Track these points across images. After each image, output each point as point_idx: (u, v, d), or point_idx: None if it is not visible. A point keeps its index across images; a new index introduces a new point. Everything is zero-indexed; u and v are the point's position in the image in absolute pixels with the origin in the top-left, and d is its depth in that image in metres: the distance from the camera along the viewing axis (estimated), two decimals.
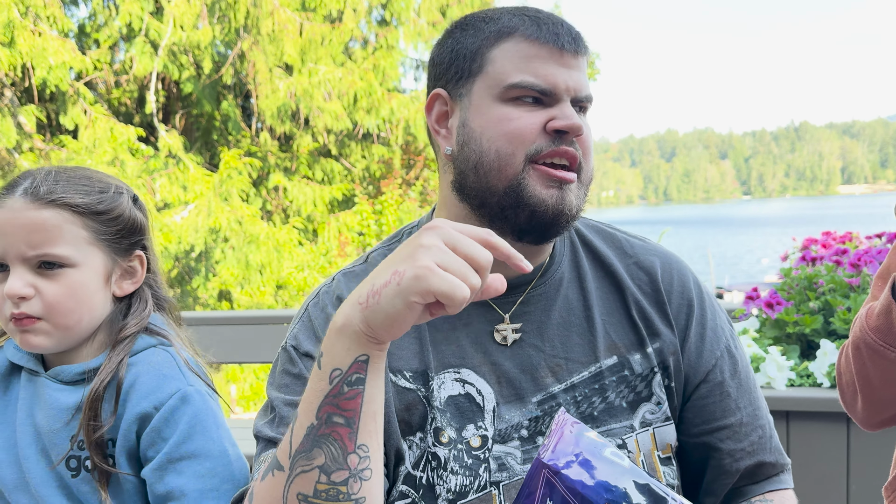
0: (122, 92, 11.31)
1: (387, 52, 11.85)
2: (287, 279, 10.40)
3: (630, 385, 1.10)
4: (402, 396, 1.06)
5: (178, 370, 1.11)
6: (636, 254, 1.16)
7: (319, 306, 1.10)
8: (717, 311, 1.18)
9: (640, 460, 1.07)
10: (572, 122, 1.03)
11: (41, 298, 1.06)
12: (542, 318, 1.10)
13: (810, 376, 2.32)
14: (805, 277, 2.60)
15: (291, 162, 11.91)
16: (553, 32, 1.04)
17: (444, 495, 1.04)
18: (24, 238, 1.05)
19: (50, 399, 1.10)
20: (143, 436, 1.07)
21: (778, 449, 1.16)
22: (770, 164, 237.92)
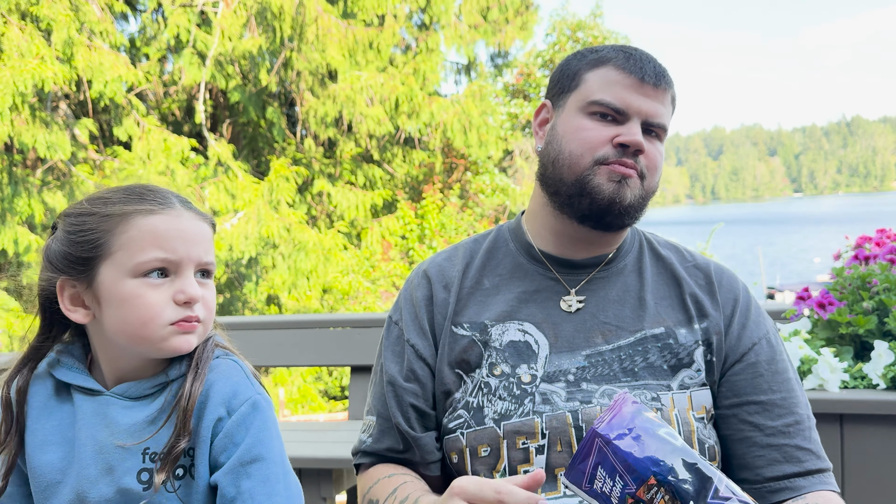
0: (171, 102, 11.62)
1: (427, 55, 11.92)
2: (332, 283, 10.54)
3: (673, 352, 1.28)
4: (458, 342, 1.31)
5: (246, 379, 1.16)
6: (695, 259, 1.40)
7: (409, 279, 1.43)
8: (762, 312, 1.37)
9: (673, 415, 1.22)
10: (634, 138, 1.25)
11: (203, 304, 1.13)
12: (602, 294, 1.33)
13: (865, 378, 2.26)
14: (858, 276, 2.54)
15: (335, 168, 12.07)
16: (639, 66, 1.28)
17: (490, 415, 1.26)
18: (201, 245, 1.13)
19: (118, 416, 1.12)
20: (216, 441, 1.11)
21: (817, 443, 1.28)
22: (821, 161, 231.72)
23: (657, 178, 1.31)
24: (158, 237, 1.10)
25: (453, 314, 1.33)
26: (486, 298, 1.34)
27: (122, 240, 1.10)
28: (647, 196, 1.30)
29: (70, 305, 1.12)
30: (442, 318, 1.34)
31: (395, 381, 1.34)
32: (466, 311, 1.33)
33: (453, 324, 1.33)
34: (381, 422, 1.35)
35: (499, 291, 1.34)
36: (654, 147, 1.29)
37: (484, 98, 12.20)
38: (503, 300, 1.33)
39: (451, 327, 1.33)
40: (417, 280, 1.40)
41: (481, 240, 1.43)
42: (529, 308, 1.31)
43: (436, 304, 1.35)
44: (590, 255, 1.34)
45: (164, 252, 1.10)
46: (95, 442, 1.11)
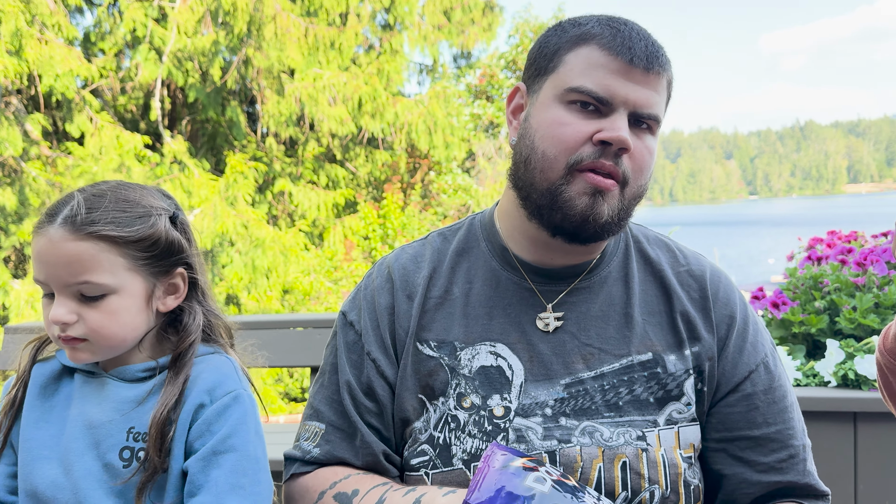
0: (127, 99, 11.37)
1: (391, 56, 11.88)
2: (293, 283, 10.43)
3: (661, 382, 1.14)
4: (424, 363, 1.16)
5: (235, 373, 1.18)
6: (689, 263, 1.22)
7: (371, 274, 1.26)
8: (760, 330, 1.21)
9: (659, 455, 1.11)
10: (618, 135, 1.05)
11: (85, 324, 1.11)
12: (583, 309, 1.16)
13: (817, 376, 2.32)
14: (810, 277, 2.61)
15: (296, 167, 11.94)
16: (627, 45, 1.06)
17: (459, 455, 1.12)
18: (65, 268, 1.10)
19: (111, 394, 1.15)
20: (194, 427, 1.13)
21: (812, 475, 1.17)
22: (776, 164, 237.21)
23: (644, 179, 1.11)
24: (35, 259, 1.14)
25: (417, 329, 1.18)
26: (454, 311, 1.18)
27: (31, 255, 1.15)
28: (631, 204, 1.11)
29: None
30: (404, 333, 1.18)
31: (353, 387, 1.19)
32: (434, 325, 1.18)
33: (418, 340, 1.18)
34: (331, 431, 1.19)
35: (468, 302, 1.18)
36: (643, 143, 1.09)
37: (448, 99, 12.20)
38: (473, 315, 1.17)
39: (415, 344, 1.18)
40: (380, 281, 1.23)
41: (451, 236, 1.26)
42: (502, 325, 1.16)
43: (398, 316, 1.19)
44: (570, 263, 1.18)
45: (38, 274, 1.13)
46: (85, 417, 1.14)
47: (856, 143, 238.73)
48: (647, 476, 1.11)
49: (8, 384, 1.23)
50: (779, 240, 47.22)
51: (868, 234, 3.06)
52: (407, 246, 1.29)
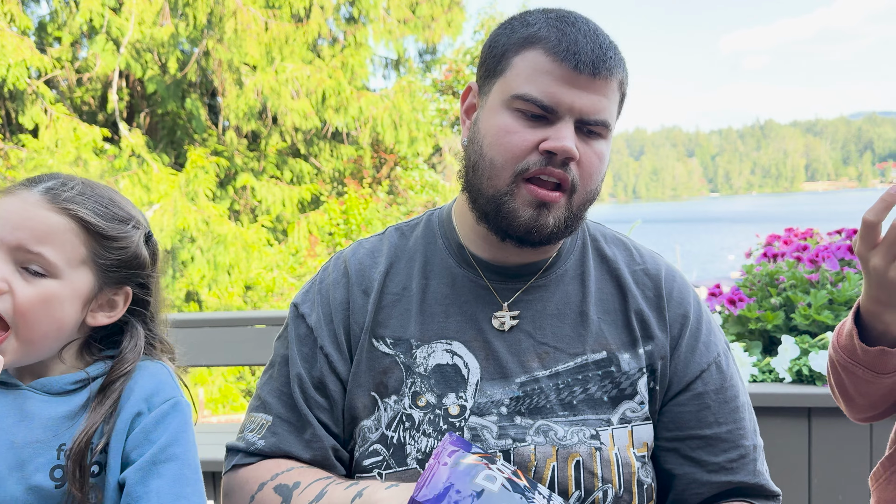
0: (84, 91, 11.10)
1: (355, 49, 11.79)
2: (256, 280, 10.30)
3: (615, 381, 1.14)
4: (379, 361, 1.15)
5: (171, 379, 1.13)
6: (644, 262, 1.22)
7: (327, 268, 1.25)
8: (714, 330, 1.22)
9: (612, 453, 1.11)
10: (562, 144, 1.04)
11: (13, 298, 1.03)
12: (539, 308, 1.16)
13: (772, 371, 2.35)
14: (767, 274, 2.64)
15: (259, 162, 11.79)
16: (572, 51, 1.04)
17: (413, 454, 1.11)
18: (26, 231, 1.04)
19: (36, 410, 1.07)
20: (131, 437, 1.07)
21: (763, 475, 1.18)
22: (736, 162, 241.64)
23: (594, 184, 1.10)
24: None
25: (372, 324, 1.17)
26: (410, 308, 1.17)
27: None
28: (581, 209, 1.11)
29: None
30: (359, 329, 1.17)
31: (304, 380, 1.17)
32: (390, 322, 1.17)
33: (374, 336, 1.17)
34: (279, 423, 1.17)
35: (425, 299, 1.17)
36: (592, 150, 1.08)
37: (414, 94, 12.15)
38: (430, 312, 1.16)
39: (370, 340, 1.16)
40: (336, 276, 1.22)
41: (408, 232, 1.26)
42: (458, 323, 1.15)
43: (353, 312, 1.18)
44: (525, 262, 1.17)
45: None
46: (6, 437, 1.05)
47: (814, 142, 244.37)
48: (601, 475, 1.11)
49: None
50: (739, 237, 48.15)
51: (824, 231, 3.12)
52: (364, 240, 1.27)
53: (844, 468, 2.18)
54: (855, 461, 2.17)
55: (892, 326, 1.07)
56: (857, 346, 1.09)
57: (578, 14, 1.11)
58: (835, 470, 2.18)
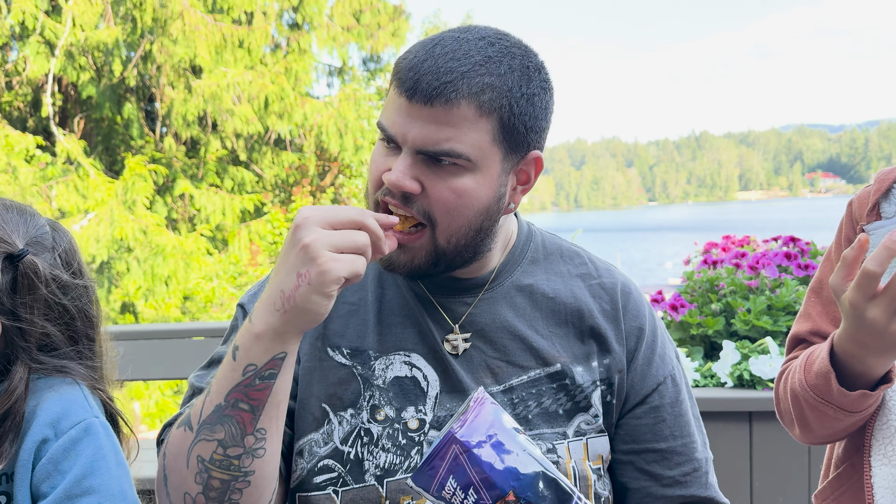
0: (14, 95, 10.67)
1: (299, 56, 11.66)
2: (195, 290, 10.03)
3: (569, 394, 1.12)
4: (335, 371, 1.11)
5: (83, 399, 1.03)
6: (601, 275, 1.20)
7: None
8: (668, 344, 1.21)
9: (570, 466, 1.09)
10: (390, 179, 1.02)
11: None
12: (487, 321, 1.13)
13: (714, 377, 2.40)
14: (707, 280, 2.70)
15: (198, 169, 11.53)
16: (412, 79, 1.00)
17: (371, 470, 1.07)
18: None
19: None
20: (39, 467, 0.97)
21: (714, 488, 1.18)
22: (673, 172, 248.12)
23: (459, 221, 1.03)
24: None
25: (328, 333, 1.13)
26: (368, 318, 1.13)
27: None
28: (453, 242, 1.05)
29: None
30: (308, 333, 1.12)
31: None
32: (347, 332, 1.13)
33: (330, 346, 1.12)
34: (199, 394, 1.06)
35: (381, 309, 1.14)
36: (446, 184, 1.01)
37: (359, 102, 12.08)
38: (387, 323, 1.13)
39: (325, 349, 1.12)
40: None
41: None
42: (415, 335, 1.12)
43: None
44: (468, 276, 1.14)
45: None
46: None
47: (747, 152, 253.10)
48: None
49: None
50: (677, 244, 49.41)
51: (759, 238, 3.21)
52: None
53: (785, 471, 2.23)
54: (795, 464, 2.23)
55: (874, 369, 1.07)
56: (834, 390, 1.09)
57: (456, 34, 1.04)
58: (775, 473, 2.24)
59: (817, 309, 1.25)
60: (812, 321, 1.25)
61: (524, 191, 1.14)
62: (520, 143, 1.06)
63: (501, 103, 1.02)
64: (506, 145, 1.05)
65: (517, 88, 1.03)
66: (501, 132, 1.03)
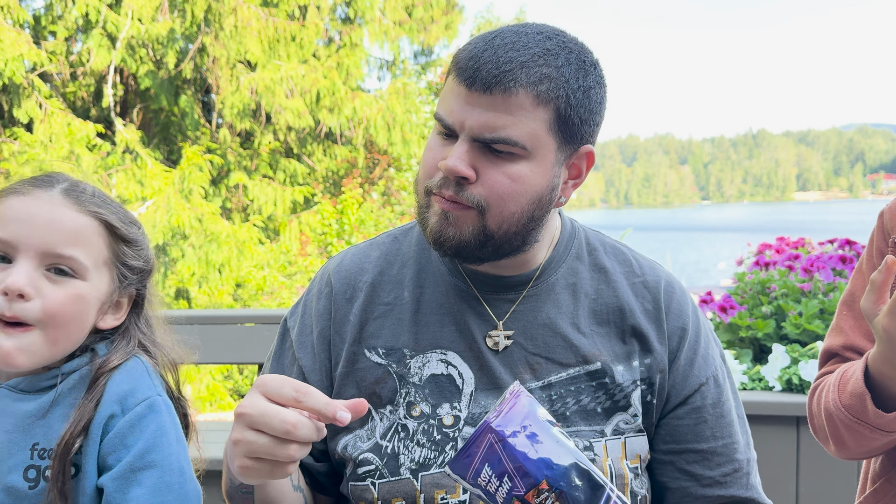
0: (78, 85, 11.04)
1: (350, 50, 11.77)
2: (246, 278, 10.25)
3: (608, 392, 1.13)
4: (371, 371, 1.14)
5: (148, 376, 1.09)
6: (644, 273, 1.19)
7: (313, 280, 1.25)
8: (711, 342, 1.20)
9: (606, 464, 1.10)
10: (445, 164, 1.05)
11: (42, 301, 1.01)
12: (530, 319, 1.14)
13: (762, 380, 2.36)
14: (758, 282, 2.65)
15: (252, 161, 11.75)
16: (471, 68, 1.03)
17: (407, 464, 1.10)
18: (55, 235, 1.03)
19: (7, 408, 1.05)
20: (106, 440, 1.04)
21: (755, 489, 1.17)
22: (728, 170, 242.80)
23: (510, 207, 1.05)
24: (5, 217, 1.04)
25: (361, 335, 1.15)
26: (403, 317, 1.15)
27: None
28: (500, 231, 1.07)
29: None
30: (340, 339, 1.16)
31: None
32: (382, 332, 1.15)
33: (366, 348, 1.15)
34: None
35: (419, 308, 1.15)
36: (498, 170, 1.04)
37: (408, 96, 12.14)
38: (424, 322, 1.15)
39: (363, 351, 1.15)
40: (319, 287, 1.21)
41: (401, 237, 1.23)
42: (453, 333, 1.14)
43: (334, 321, 1.17)
44: (512, 273, 1.15)
45: (1, 232, 1.03)
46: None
47: (806, 152, 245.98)
48: None
49: None
50: (729, 245, 48.34)
51: (815, 241, 3.13)
52: (352, 248, 1.26)
53: (832, 477, 2.19)
54: (842, 471, 2.18)
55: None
56: (870, 411, 1.07)
57: (515, 28, 1.07)
58: (822, 479, 2.19)
59: (849, 323, 1.22)
60: (844, 335, 1.23)
61: (575, 185, 1.15)
62: (574, 135, 1.08)
63: (558, 94, 1.03)
64: (560, 136, 1.06)
65: (574, 81, 1.05)
66: (557, 122, 1.05)
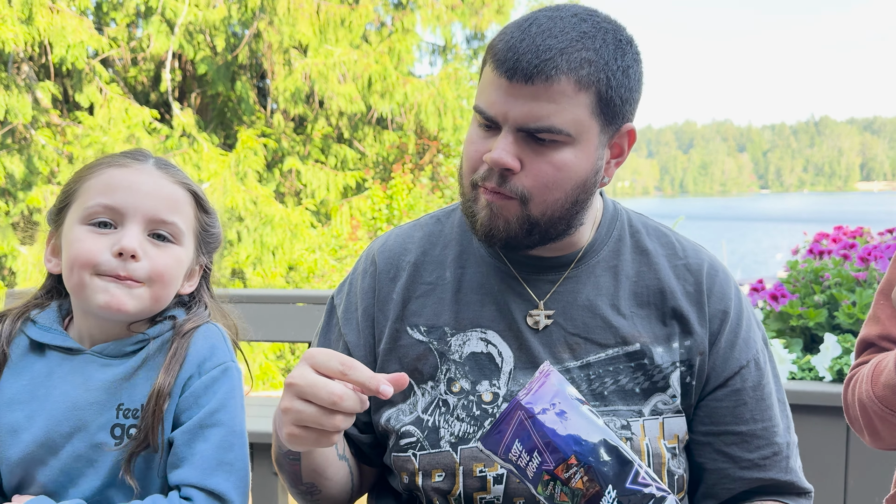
0: (138, 70, 11.35)
1: (403, 35, 11.80)
2: (298, 260, 10.45)
3: (647, 373, 1.14)
4: (414, 348, 1.17)
5: (224, 343, 1.18)
6: (687, 256, 1.20)
7: (358, 260, 1.28)
8: (753, 326, 1.20)
9: (644, 444, 1.11)
10: (491, 156, 1.05)
11: (150, 263, 1.11)
12: (570, 300, 1.16)
13: (812, 370, 2.31)
14: (811, 270, 2.60)
15: (304, 146, 11.92)
16: (510, 59, 1.03)
17: (446, 437, 1.13)
18: (160, 202, 1.12)
19: (97, 373, 1.13)
20: (182, 399, 1.12)
21: (795, 472, 1.17)
22: (788, 159, 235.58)
23: (554, 194, 1.07)
24: (109, 186, 1.12)
25: (403, 313, 1.18)
26: (445, 296, 1.18)
27: (84, 188, 1.14)
28: (545, 218, 1.08)
29: (50, 256, 1.17)
30: (384, 316, 1.19)
31: None
32: (424, 310, 1.18)
33: (409, 325, 1.18)
34: None
35: (460, 288, 1.18)
36: (544, 158, 1.05)
37: (459, 81, 12.12)
38: (465, 301, 1.17)
39: (406, 328, 1.18)
40: (364, 266, 1.25)
41: (444, 219, 1.26)
42: (493, 313, 1.16)
43: (378, 299, 1.20)
44: (554, 255, 1.17)
45: (108, 199, 1.11)
46: (69, 399, 1.12)
47: (871, 140, 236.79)
48: None
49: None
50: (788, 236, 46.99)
51: (875, 231, 3.05)
52: (396, 229, 1.30)
53: (882, 470, 2.14)
54: (892, 462, 2.13)
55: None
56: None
57: (548, 13, 1.07)
58: (872, 471, 2.15)
59: (887, 312, 1.21)
60: (881, 325, 1.21)
61: (617, 164, 1.16)
62: (616, 116, 1.08)
63: (599, 77, 1.04)
64: (603, 118, 1.07)
65: (613, 62, 1.05)
66: (599, 105, 1.05)
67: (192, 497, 1.09)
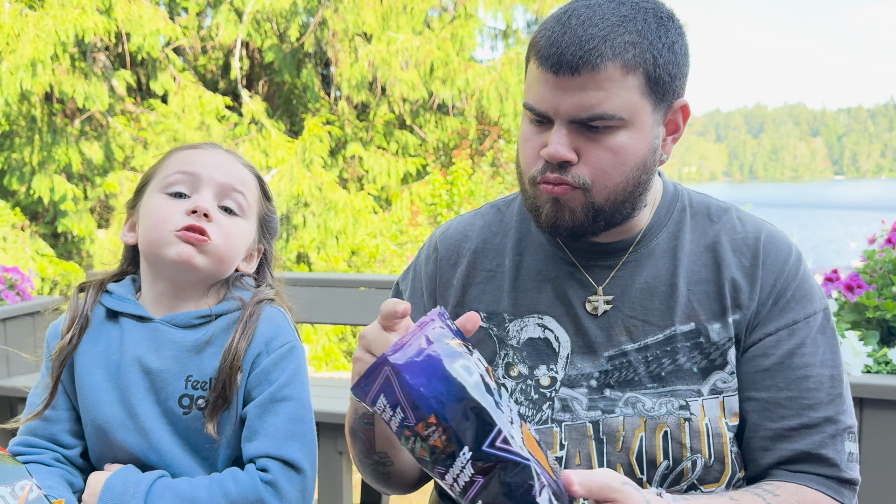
0: (208, 59, 11.65)
1: (465, 20, 11.76)
2: (360, 245, 10.61)
3: (704, 352, 1.14)
4: (474, 334, 1.15)
5: (288, 324, 1.25)
6: (746, 230, 1.19)
7: (422, 247, 1.32)
8: (806, 294, 1.16)
9: (703, 424, 1.12)
10: (548, 151, 1.07)
11: (220, 228, 1.20)
12: (627, 283, 1.17)
13: (889, 363, 2.24)
14: (889, 261, 2.50)
15: (367, 132, 12.05)
16: (555, 54, 1.04)
17: None
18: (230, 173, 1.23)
19: (166, 341, 1.19)
20: (252, 376, 1.18)
21: (838, 453, 1.11)
22: (865, 143, 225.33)
23: (615, 178, 1.08)
24: (187, 161, 1.23)
25: (463, 298, 1.22)
26: (503, 283, 1.21)
27: (162, 167, 1.25)
28: (608, 204, 1.09)
29: (127, 232, 1.27)
30: (445, 302, 1.23)
31: None
32: (484, 297, 1.21)
33: (468, 311, 1.20)
34: None
35: (518, 275, 1.21)
36: (599, 145, 1.06)
37: (521, 65, 12.02)
38: (523, 287, 1.20)
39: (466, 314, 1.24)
40: (427, 252, 1.29)
41: (504, 208, 1.29)
42: (550, 299, 1.18)
43: (440, 285, 1.24)
44: (613, 241, 1.18)
45: (185, 167, 1.21)
46: (141, 363, 1.19)
47: None
48: (689, 445, 1.12)
49: (55, 327, 1.26)
50: (864, 224, 45.05)
51: None
52: (458, 217, 1.33)
53: None
54: None
55: None
56: None
57: (586, 2, 1.06)
58: None
59: None
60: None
61: (674, 140, 1.16)
62: (666, 93, 1.09)
63: (645, 57, 1.04)
64: (654, 97, 1.07)
65: (657, 40, 1.06)
66: (648, 85, 1.06)
67: (268, 467, 1.14)
